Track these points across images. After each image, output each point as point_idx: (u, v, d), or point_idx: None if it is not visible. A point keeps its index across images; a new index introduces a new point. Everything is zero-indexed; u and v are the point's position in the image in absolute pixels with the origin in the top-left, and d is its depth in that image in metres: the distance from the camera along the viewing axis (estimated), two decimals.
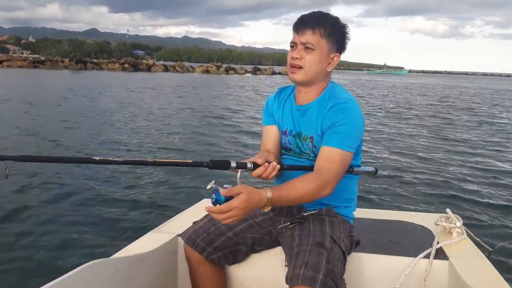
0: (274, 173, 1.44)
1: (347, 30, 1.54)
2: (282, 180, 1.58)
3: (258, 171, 1.42)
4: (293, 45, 1.51)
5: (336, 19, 1.51)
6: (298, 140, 1.58)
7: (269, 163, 1.44)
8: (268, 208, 1.34)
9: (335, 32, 1.50)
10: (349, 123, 1.44)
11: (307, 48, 1.48)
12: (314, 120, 1.53)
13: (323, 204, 1.57)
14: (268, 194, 1.31)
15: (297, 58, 1.49)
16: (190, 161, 1.35)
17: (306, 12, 1.54)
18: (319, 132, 1.51)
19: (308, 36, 1.47)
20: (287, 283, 1.30)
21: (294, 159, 1.61)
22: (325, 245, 1.39)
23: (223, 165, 1.36)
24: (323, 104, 1.51)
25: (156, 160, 1.36)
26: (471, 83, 65.08)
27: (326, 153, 1.44)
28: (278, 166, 1.46)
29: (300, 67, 1.49)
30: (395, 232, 1.91)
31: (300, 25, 1.49)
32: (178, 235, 1.76)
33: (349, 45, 1.55)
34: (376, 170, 1.77)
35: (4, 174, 1.10)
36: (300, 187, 1.38)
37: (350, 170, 1.57)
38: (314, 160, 1.51)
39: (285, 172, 1.56)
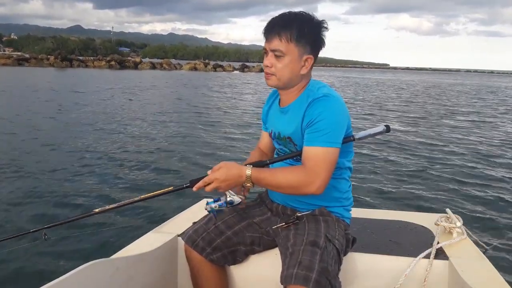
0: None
1: (323, 28, 1.46)
2: None
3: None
4: (265, 51, 1.48)
5: (307, 20, 1.44)
6: (281, 141, 1.58)
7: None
8: (249, 185, 1.41)
9: (305, 35, 1.42)
10: (327, 118, 1.40)
11: (276, 55, 1.44)
12: (294, 120, 1.50)
13: (315, 205, 1.56)
14: (247, 171, 1.40)
15: (267, 66, 1.47)
16: (171, 188, 1.50)
17: (291, 10, 1.47)
18: (299, 132, 1.48)
19: (276, 43, 1.42)
20: (281, 283, 1.30)
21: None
22: (319, 244, 1.38)
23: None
24: (303, 103, 1.48)
25: (142, 196, 1.54)
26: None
27: (309, 153, 1.41)
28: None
29: (273, 74, 1.47)
30: (395, 232, 1.90)
31: (268, 31, 1.45)
32: (178, 235, 1.77)
33: (335, 42, 1.50)
34: (388, 127, 1.62)
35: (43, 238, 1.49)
36: (280, 176, 1.42)
37: (351, 138, 1.52)
38: (298, 160, 1.51)
39: None
